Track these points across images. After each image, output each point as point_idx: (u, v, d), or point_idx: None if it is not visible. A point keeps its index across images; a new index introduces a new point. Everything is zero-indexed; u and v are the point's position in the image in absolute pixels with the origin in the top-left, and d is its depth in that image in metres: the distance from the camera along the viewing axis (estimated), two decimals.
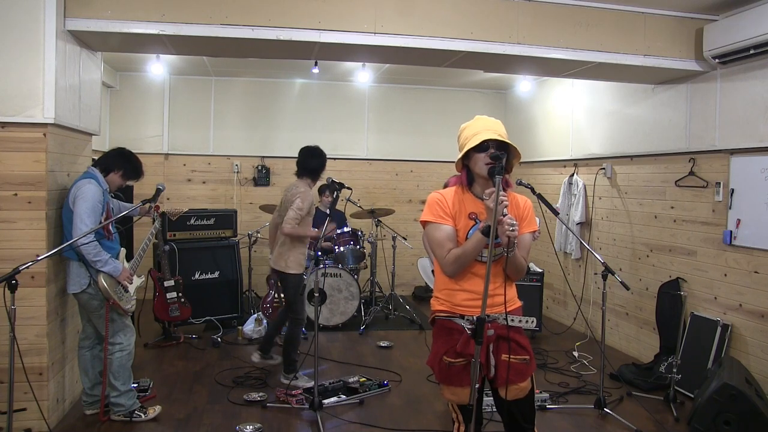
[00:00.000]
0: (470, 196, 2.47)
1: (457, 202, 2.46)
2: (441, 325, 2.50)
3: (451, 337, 2.43)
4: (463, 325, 2.40)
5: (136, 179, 3.92)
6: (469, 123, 2.51)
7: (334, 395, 4.20)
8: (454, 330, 2.43)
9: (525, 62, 4.42)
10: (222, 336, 5.60)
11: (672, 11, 4.37)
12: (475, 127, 2.45)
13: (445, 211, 2.44)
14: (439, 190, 2.56)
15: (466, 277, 2.43)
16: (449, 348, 2.43)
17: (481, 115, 2.52)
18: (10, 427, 2.88)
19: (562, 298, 6.64)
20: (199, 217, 6.09)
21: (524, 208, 2.55)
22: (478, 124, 2.46)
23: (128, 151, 3.88)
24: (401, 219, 7.71)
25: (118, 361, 3.63)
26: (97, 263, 3.47)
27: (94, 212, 3.44)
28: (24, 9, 3.42)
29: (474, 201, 2.46)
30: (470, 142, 2.38)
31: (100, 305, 3.57)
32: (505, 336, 2.41)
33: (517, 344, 2.46)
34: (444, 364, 2.44)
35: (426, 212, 2.48)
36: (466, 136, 2.44)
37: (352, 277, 6.06)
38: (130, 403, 3.68)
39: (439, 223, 2.43)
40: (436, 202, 2.46)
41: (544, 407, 4.07)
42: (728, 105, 4.34)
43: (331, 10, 3.87)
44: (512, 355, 2.42)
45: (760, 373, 4.01)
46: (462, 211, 2.45)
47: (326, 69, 6.86)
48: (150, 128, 7.31)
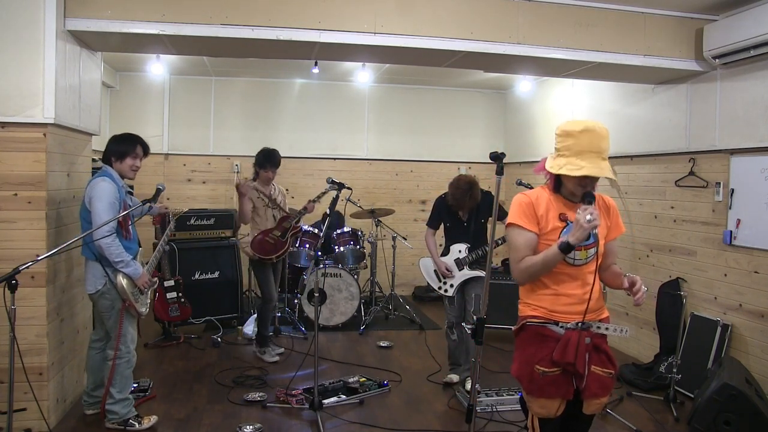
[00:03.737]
0: (558, 197, 2.40)
1: (545, 203, 2.38)
2: (533, 332, 2.38)
3: (545, 345, 2.33)
4: (558, 332, 2.33)
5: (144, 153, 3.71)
6: (574, 128, 2.28)
7: (334, 395, 4.19)
8: (549, 337, 2.34)
9: (525, 62, 4.42)
10: (222, 336, 5.60)
11: (672, 11, 4.37)
12: (581, 143, 2.25)
13: (531, 216, 2.36)
14: (526, 192, 2.45)
15: (561, 280, 2.35)
16: (543, 356, 2.31)
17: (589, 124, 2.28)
18: (10, 427, 2.87)
19: None
20: (199, 217, 6.09)
21: (613, 215, 2.50)
22: (584, 140, 2.25)
23: (118, 135, 3.71)
24: (401, 219, 7.71)
25: (116, 368, 3.58)
26: (118, 264, 3.46)
27: (112, 209, 3.41)
28: (24, 9, 3.42)
29: (564, 202, 2.39)
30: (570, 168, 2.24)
31: (111, 305, 3.55)
32: (600, 347, 2.35)
33: (607, 357, 2.38)
34: (537, 374, 2.32)
35: (513, 214, 2.39)
36: (569, 149, 2.27)
37: (352, 277, 6.06)
38: (124, 412, 3.61)
39: (523, 228, 2.35)
40: (525, 206, 2.37)
41: None
42: (728, 105, 4.34)
43: (331, 10, 3.87)
44: (602, 367, 2.35)
45: (760, 373, 4.00)
46: (551, 211, 2.36)
47: (326, 69, 6.86)
48: (150, 128, 7.30)
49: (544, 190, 2.43)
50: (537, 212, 2.36)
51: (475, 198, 4.33)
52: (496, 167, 2.52)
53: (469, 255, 4.42)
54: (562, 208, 2.38)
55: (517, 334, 2.47)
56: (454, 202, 4.37)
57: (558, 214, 2.36)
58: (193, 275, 5.91)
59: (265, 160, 4.99)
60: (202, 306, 5.79)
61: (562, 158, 2.29)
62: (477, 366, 2.58)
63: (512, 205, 2.41)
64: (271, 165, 5.00)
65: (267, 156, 5.00)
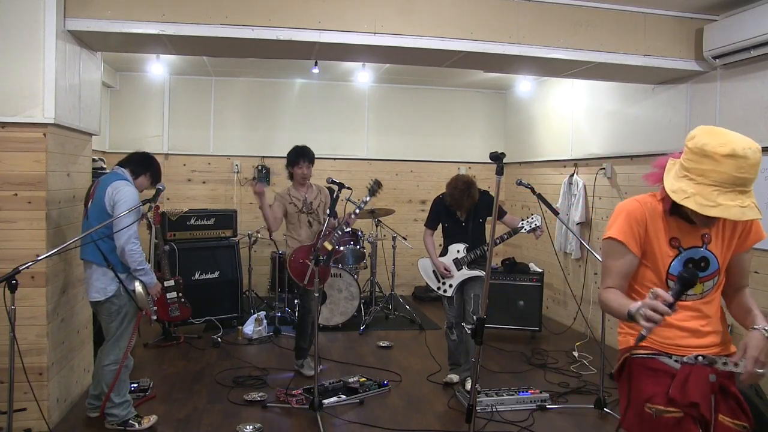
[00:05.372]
0: (674, 217, 1.91)
1: (658, 220, 1.92)
2: (641, 365, 1.94)
3: (656, 380, 1.90)
4: (673, 366, 1.90)
5: (159, 182, 3.86)
6: (716, 150, 1.69)
7: (334, 395, 4.19)
8: (660, 371, 1.91)
9: (525, 62, 4.42)
10: (222, 336, 5.60)
11: (672, 11, 4.37)
12: (722, 173, 1.68)
13: (637, 233, 1.91)
14: (638, 198, 1.95)
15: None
16: (656, 393, 1.87)
17: (737, 145, 1.69)
18: (10, 427, 2.88)
19: (562, 298, 6.64)
20: (199, 217, 6.09)
21: (745, 222, 1.93)
22: (728, 169, 1.68)
23: (152, 155, 3.86)
24: (401, 219, 7.71)
25: (113, 374, 3.57)
26: (139, 272, 3.46)
27: (135, 214, 3.42)
28: (24, 9, 3.42)
29: (678, 222, 1.90)
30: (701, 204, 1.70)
31: (118, 310, 3.54)
32: (728, 390, 1.88)
33: (737, 403, 1.89)
34: (648, 414, 1.86)
35: (619, 226, 1.92)
36: (703, 175, 1.72)
37: (352, 277, 6.06)
38: (123, 414, 3.61)
39: (625, 247, 1.90)
40: (636, 220, 1.91)
41: (544, 407, 4.07)
42: (728, 105, 4.34)
43: (331, 10, 3.87)
44: (732, 418, 1.86)
45: None
46: (661, 232, 1.91)
47: (326, 69, 6.86)
48: (150, 128, 7.31)
49: (658, 202, 1.93)
50: (648, 229, 1.90)
51: (473, 198, 4.33)
52: (496, 167, 2.52)
53: (467, 255, 4.42)
54: (675, 230, 1.90)
55: (619, 374, 2.02)
56: (452, 202, 4.38)
57: (670, 238, 1.90)
58: (193, 275, 5.90)
59: (297, 155, 4.59)
60: (202, 306, 5.79)
61: (689, 182, 1.74)
62: (477, 366, 2.58)
63: (618, 213, 1.94)
64: (305, 159, 4.59)
65: (299, 151, 4.62)
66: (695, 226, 1.88)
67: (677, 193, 1.76)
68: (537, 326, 5.82)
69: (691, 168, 1.74)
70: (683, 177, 1.77)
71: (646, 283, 1.95)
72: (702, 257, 1.91)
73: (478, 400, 3.73)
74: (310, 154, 4.64)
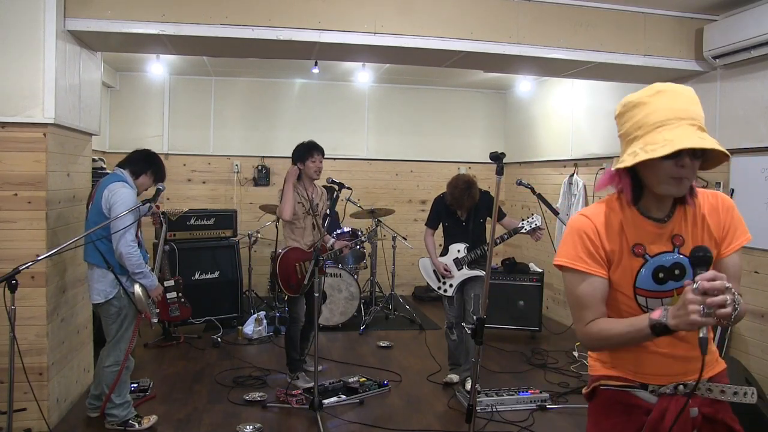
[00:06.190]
0: (634, 214, 1.62)
1: (615, 229, 1.61)
2: (609, 399, 1.69)
3: (627, 418, 1.64)
4: (649, 400, 1.62)
5: (162, 181, 3.86)
6: (642, 98, 1.54)
7: (334, 395, 4.19)
8: (633, 407, 1.64)
9: (525, 62, 4.42)
10: (222, 336, 5.60)
11: (672, 11, 4.37)
12: (659, 111, 1.50)
13: (594, 252, 1.60)
14: (585, 211, 1.68)
15: None
16: None
17: (662, 84, 1.55)
18: (10, 427, 2.88)
19: (562, 298, 6.64)
20: (199, 217, 6.09)
21: (725, 218, 1.67)
22: (662, 103, 1.51)
23: (153, 152, 3.85)
24: (401, 219, 7.71)
25: (114, 376, 3.57)
26: (138, 275, 3.46)
27: (132, 216, 3.42)
28: (24, 9, 3.42)
29: (641, 223, 1.61)
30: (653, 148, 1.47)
31: (118, 312, 3.54)
32: (715, 418, 1.60)
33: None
34: None
35: (567, 251, 1.63)
36: (641, 125, 1.52)
37: (352, 277, 6.06)
38: (123, 414, 3.61)
39: (584, 272, 1.60)
40: (586, 237, 1.61)
41: (544, 407, 4.07)
42: (728, 105, 4.34)
43: (331, 10, 3.87)
44: None
45: (760, 373, 4.00)
46: (624, 241, 1.61)
47: (326, 69, 6.86)
48: (150, 128, 7.31)
49: (612, 207, 1.65)
50: (603, 244, 1.61)
51: (474, 197, 4.33)
52: (496, 167, 2.52)
53: (467, 255, 4.42)
54: (636, 233, 1.60)
55: (589, 398, 1.80)
56: (452, 201, 4.38)
57: (632, 244, 1.60)
58: (193, 275, 5.91)
59: (309, 149, 4.32)
60: (202, 306, 5.79)
61: (634, 144, 1.52)
62: (477, 366, 2.58)
63: (566, 236, 1.66)
64: (318, 152, 4.34)
65: (311, 144, 4.37)
66: (663, 225, 1.60)
67: (626, 160, 1.52)
68: (537, 326, 5.82)
69: (629, 127, 1.55)
70: (627, 144, 1.56)
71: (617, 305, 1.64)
72: (674, 264, 1.58)
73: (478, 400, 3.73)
74: (321, 147, 4.43)
